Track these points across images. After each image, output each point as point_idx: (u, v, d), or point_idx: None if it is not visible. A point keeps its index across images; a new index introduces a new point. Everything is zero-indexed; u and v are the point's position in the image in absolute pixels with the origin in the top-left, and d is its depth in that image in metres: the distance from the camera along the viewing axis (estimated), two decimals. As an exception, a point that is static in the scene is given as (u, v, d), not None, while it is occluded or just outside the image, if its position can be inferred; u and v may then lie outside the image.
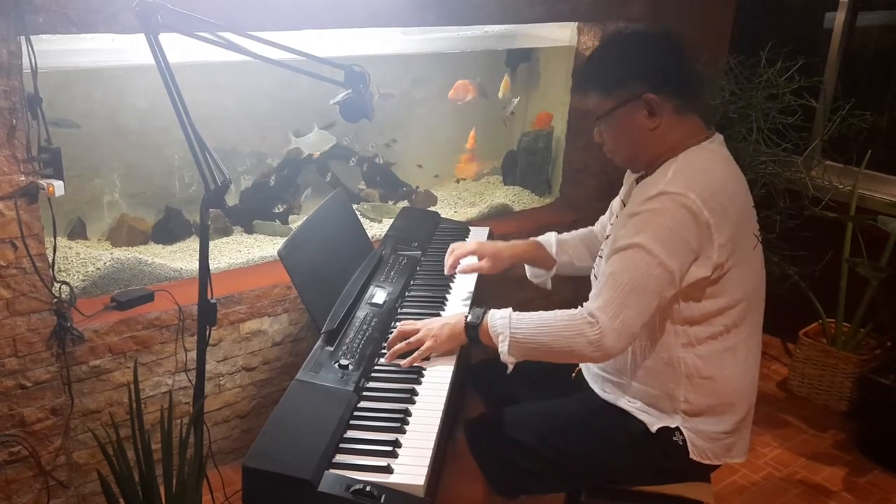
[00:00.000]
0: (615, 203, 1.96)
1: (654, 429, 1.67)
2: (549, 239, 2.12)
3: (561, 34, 3.12)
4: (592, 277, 1.86)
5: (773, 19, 3.46)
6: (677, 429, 1.67)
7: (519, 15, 2.67)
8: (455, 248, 2.14)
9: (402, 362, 1.75)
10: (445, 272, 2.13)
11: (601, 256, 1.81)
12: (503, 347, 1.61)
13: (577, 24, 3.04)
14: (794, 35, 3.22)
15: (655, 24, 2.98)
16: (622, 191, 1.89)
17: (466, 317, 1.72)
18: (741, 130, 2.90)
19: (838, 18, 3.20)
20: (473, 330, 1.70)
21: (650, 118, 1.63)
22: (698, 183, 1.56)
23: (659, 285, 1.53)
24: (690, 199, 1.52)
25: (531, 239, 2.14)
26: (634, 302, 1.52)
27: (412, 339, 1.77)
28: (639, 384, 1.69)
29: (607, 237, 1.82)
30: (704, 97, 2.36)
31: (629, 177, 1.85)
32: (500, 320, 1.64)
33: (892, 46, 3.30)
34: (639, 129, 1.65)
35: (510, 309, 1.67)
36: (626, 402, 1.72)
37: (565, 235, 2.13)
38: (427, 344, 1.74)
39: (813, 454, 2.77)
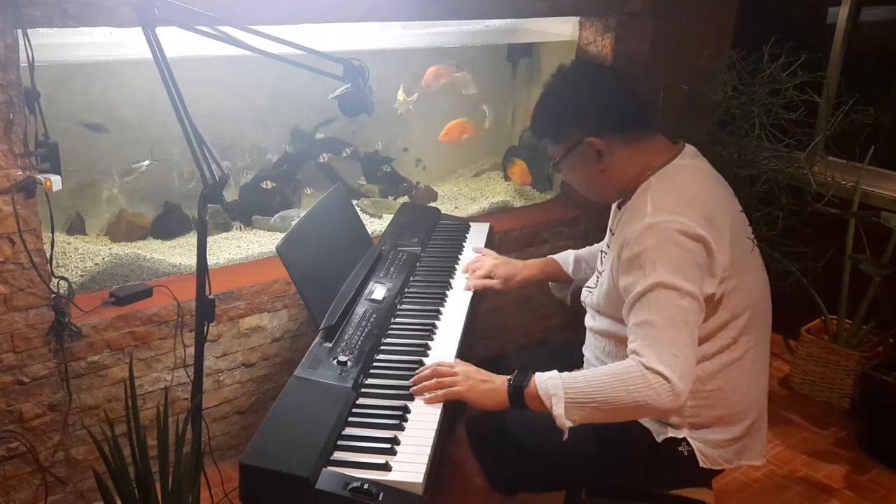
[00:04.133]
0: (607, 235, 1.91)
1: (659, 439, 1.64)
2: (567, 258, 2.13)
3: (562, 29, 3.10)
4: (583, 302, 1.86)
5: (775, 14, 3.44)
6: (683, 439, 1.64)
7: (520, 9, 2.66)
8: (474, 268, 2.17)
9: (426, 397, 1.61)
10: (469, 287, 2.11)
11: (590, 290, 1.82)
12: (559, 410, 1.49)
13: (578, 18, 3.02)
14: (797, 30, 3.21)
15: (657, 20, 2.96)
16: (610, 219, 1.86)
17: (510, 380, 1.60)
18: (743, 126, 2.90)
19: (842, 13, 3.18)
20: (518, 392, 1.56)
21: (598, 161, 1.65)
22: (681, 203, 1.55)
23: (693, 315, 1.50)
24: (680, 221, 1.51)
25: (549, 257, 2.16)
26: (681, 340, 1.48)
27: (445, 379, 1.63)
28: None
29: (601, 269, 1.80)
30: (658, 120, 2.29)
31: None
32: (551, 381, 1.53)
33: (895, 42, 3.28)
34: (591, 172, 1.68)
35: (555, 371, 1.57)
36: None
37: (584, 251, 2.12)
38: (458, 388, 1.61)
39: (814, 451, 2.76)
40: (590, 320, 1.83)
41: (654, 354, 1.46)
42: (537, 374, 1.57)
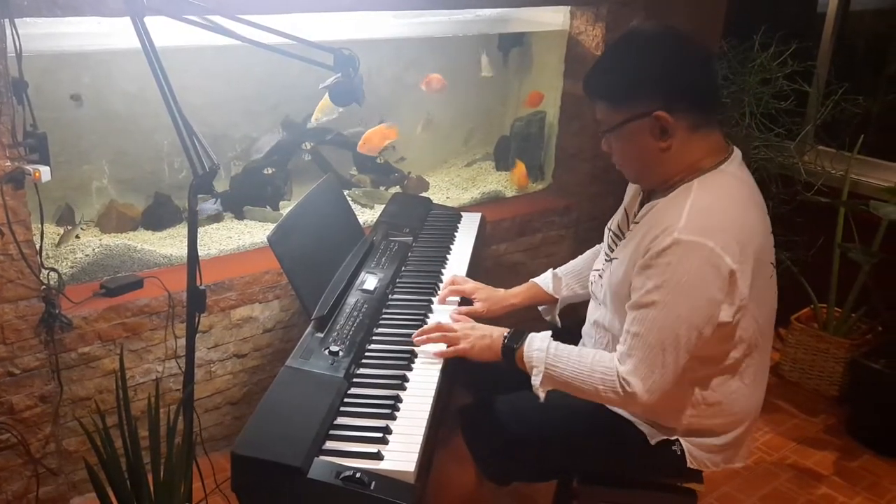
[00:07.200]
0: (619, 213, 1.84)
1: (653, 441, 1.65)
2: (546, 278, 2.04)
3: (554, 18, 3.09)
4: (591, 293, 1.81)
5: (766, 3, 3.44)
6: (676, 440, 1.65)
7: (511, -2, 2.65)
8: (456, 282, 2.07)
9: (433, 351, 1.75)
10: (436, 302, 2.03)
11: (600, 275, 1.75)
12: (536, 380, 1.60)
13: (569, 7, 3.01)
14: (788, 19, 3.20)
15: (649, 8, 2.96)
16: (626, 198, 1.79)
17: (505, 336, 1.69)
18: (734, 115, 2.90)
19: (832, 2, 3.18)
20: (510, 352, 1.67)
21: (661, 138, 1.50)
22: (716, 225, 1.45)
23: (687, 342, 1.47)
24: (709, 248, 1.42)
25: (531, 281, 2.07)
26: (664, 361, 1.48)
27: (448, 333, 1.76)
28: None
29: (610, 261, 1.71)
30: (723, 111, 2.15)
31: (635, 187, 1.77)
32: (538, 352, 1.61)
33: (885, 31, 3.29)
34: (648, 148, 1.52)
35: (549, 338, 1.63)
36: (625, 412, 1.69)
37: (564, 268, 2.06)
38: (462, 345, 1.73)
39: (804, 439, 2.78)
40: (592, 310, 1.80)
41: (633, 366, 1.50)
42: (529, 336, 1.66)
